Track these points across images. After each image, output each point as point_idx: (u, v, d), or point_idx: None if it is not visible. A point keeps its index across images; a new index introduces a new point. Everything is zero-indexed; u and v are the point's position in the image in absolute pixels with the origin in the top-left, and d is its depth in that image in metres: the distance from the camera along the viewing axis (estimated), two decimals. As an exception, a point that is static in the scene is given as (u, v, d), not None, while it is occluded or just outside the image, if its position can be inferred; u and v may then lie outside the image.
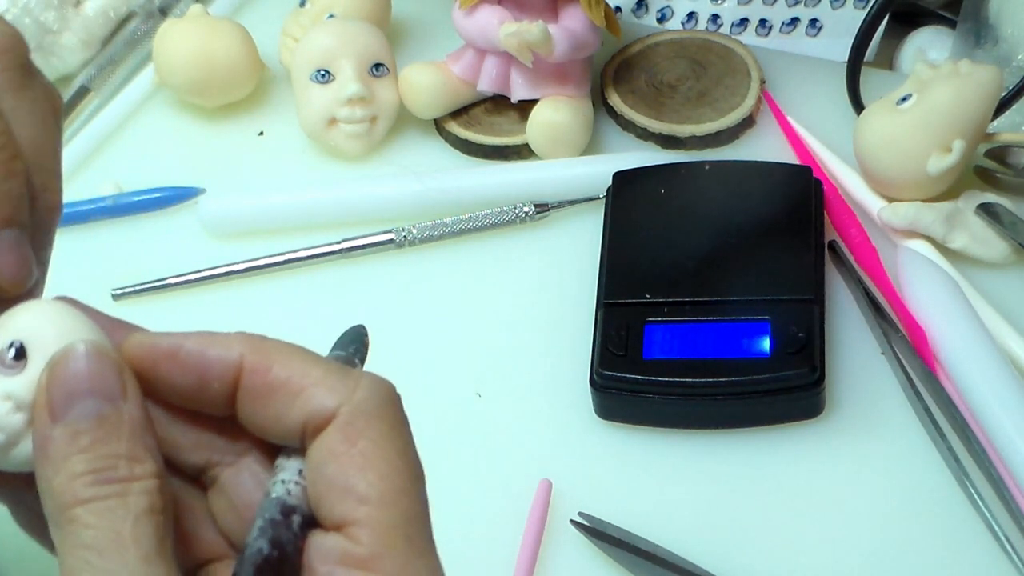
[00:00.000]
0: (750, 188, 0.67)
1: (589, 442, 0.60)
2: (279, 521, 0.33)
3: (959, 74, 0.64)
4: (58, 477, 0.31)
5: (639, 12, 0.83)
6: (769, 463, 0.58)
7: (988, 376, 0.58)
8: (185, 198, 0.74)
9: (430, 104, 0.74)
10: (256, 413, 0.34)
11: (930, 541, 0.55)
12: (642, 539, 0.56)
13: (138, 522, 0.31)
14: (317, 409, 0.33)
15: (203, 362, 0.34)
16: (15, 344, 0.33)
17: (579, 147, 0.72)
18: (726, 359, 0.59)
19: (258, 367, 0.34)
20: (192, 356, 0.34)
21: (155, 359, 0.34)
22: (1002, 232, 0.64)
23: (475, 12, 0.70)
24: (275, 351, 0.34)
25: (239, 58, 0.76)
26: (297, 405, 0.33)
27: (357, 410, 0.33)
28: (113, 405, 0.32)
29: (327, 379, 0.33)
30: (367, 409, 0.33)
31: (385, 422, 0.33)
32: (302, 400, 0.33)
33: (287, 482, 0.33)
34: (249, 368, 0.34)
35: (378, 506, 0.32)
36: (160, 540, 0.31)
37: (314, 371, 0.34)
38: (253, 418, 0.34)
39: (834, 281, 0.65)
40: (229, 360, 0.34)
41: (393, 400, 0.34)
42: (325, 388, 0.33)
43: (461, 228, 0.70)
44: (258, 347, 0.34)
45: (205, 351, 0.34)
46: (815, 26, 0.81)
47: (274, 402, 0.34)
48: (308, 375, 0.33)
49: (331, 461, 0.32)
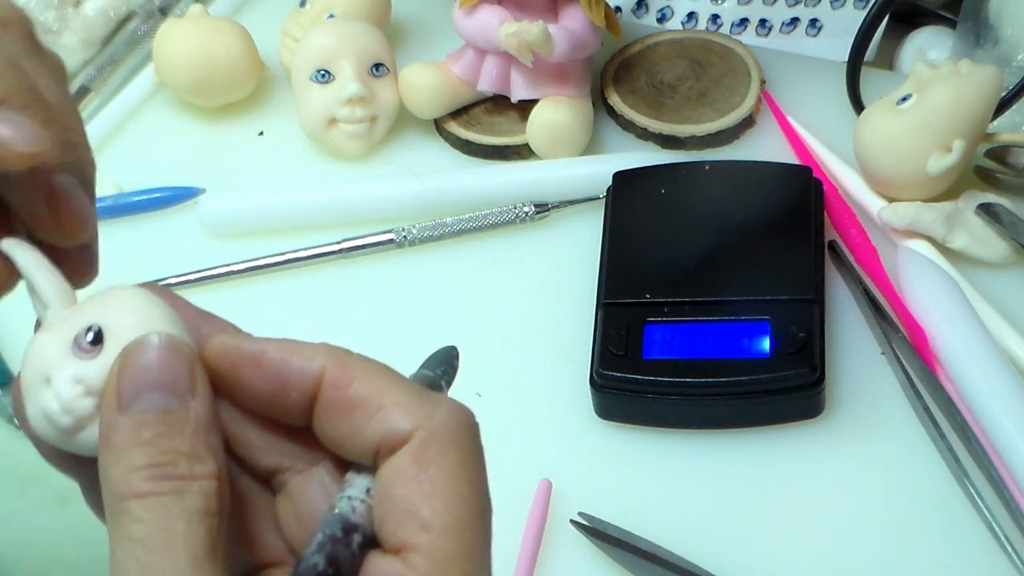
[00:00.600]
0: (750, 188, 0.67)
1: (589, 442, 0.60)
2: (339, 538, 0.32)
3: (959, 74, 0.64)
4: (117, 467, 0.31)
5: (639, 12, 0.83)
6: (769, 463, 0.58)
7: (988, 376, 0.58)
8: (185, 198, 0.74)
9: (430, 104, 0.74)
10: (332, 427, 0.34)
11: (930, 541, 0.55)
12: (642, 539, 0.56)
13: (191, 522, 0.30)
14: (392, 430, 0.33)
15: (284, 371, 0.34)
16: (93, 328, 0.33)
17: (579, 147, 0.72)
18: (726, 359, 0.59)
19: (338, 381, 0.33)
20: (273, 364, 0.34)
21: (236, 362, 0.34)
22: (1002, 232, 0.64)
23: (475, 12, 0.70)
24: (357, 367, 0.34)
25: (239, 58, 0.76)
26: (373, 424, 0.33)
27: (432, 435, 0.32)
28: (180, 400, 0.32)
29: (406, 401, 0.33)
30: (442, 435, 0.33)
31: (459, 450, 0.33)
32: (378, 419, 0.33)
33: (353, 499, 0.33)
34: (329, 381, 0.33)
35: (439, 535, 0.31)
36: (212, 543, 0.31)
37: (394, 391, 0.33)
38: (328, 431, 0.34)
39: (834, 281, 0.65)
40: (310, 371, 0.34)
41: (470, 428, 0.33)
42: (403, 410, 0.33)
43: (461, 228, 0.70)
44: (341, 361, 0.34)
45: (287, 360, 0.34)
46: (815, 26, 0.81)
47: (351, 418, 0.33)
48: (388, 394, 0.33)
49: (399, 484, 0.32)
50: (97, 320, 0.33)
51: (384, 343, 0.66)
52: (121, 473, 0.31)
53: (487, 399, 0.63)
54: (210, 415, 0.32)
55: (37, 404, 0.33)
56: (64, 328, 0.34)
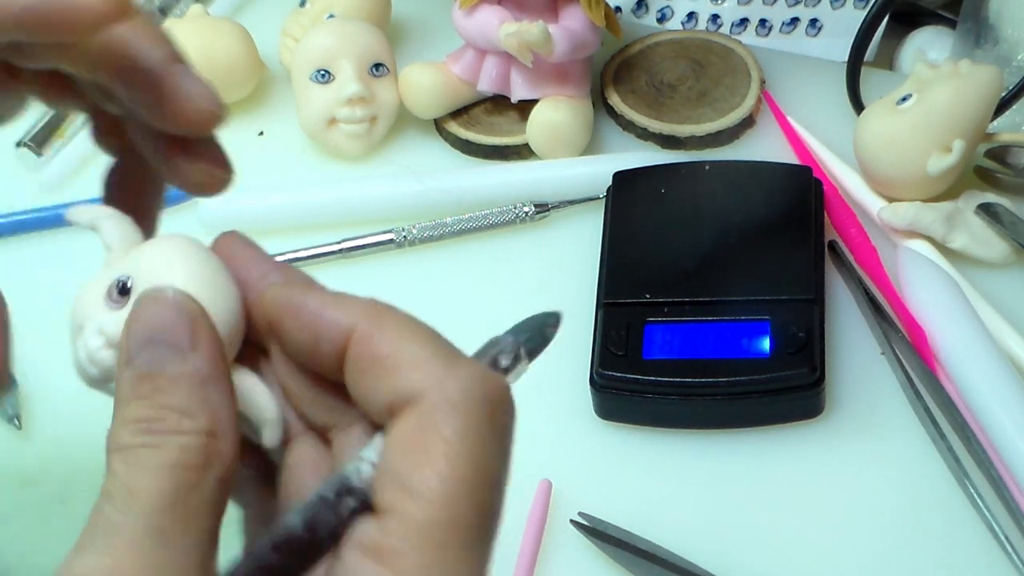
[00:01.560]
0: (750, 188, 0.67)
1: (589, 442, 0.60)
2: (328, 500, 0.31)
3: (959, 74, 0.64)
4: (115, 421, 0.31)
5: (639, 12, 0.83)
6: (769, 463, 0.58)
7: (988, 376, 0.58)
8: (185, 198, 0.74)
9: (430, 104, 0.74)
10: (355, 384, 0.32)
11: (930, 541, 0.55)
12: (642, 539, 0.56)
13: (159, 475, 0.30)
14: (403, 389, 0.31)
15: (319, 323, 0.33)
16: (121, 280, 0.33)
17: (579, 147, 0.72)
18: (726, 359, 0.59)
19: (365, 336, 0.32)
20: (311, 315, 0.33)
21: (282, 312, 0.33)
22: (1002, 232, 0.64)
23: (475, 12, 0.70)
24: (390, 322, 0.32)
25: (239, 58, 0.76)
26: (388, 382, 0.31)
27: (442, 399, 0.30)
28: (180, 356, 0.31)
29: (428, 361, 0.31)
30: (452, 402, 0.30)
31: (468, 420, 0.30)
32: (394, 378, 0.31)
33: (363, 461, 0.31)
34: (358, 336, 0.32)
35: (423, 504, 0.30)
36: (178, 498, 0.30)
37: (419, 350, 0.32)
38: (353, 388, 0.33)
39: (834, 281, 0.65)
40: (342, 324, 0.32)
41: (489, 400, 0.31)
42: (418, 370, 0.31)
43: (461, 228, 0.70)
44: (375, 315, 0.33)
45: (323, 312, 0.33)
46: (815, 26, 0.81)
47: (370, 375, 0.32)
48: (410, 352, 0.31)
49: (397, 446, 0.30)
50: (129, 271, 0.33)
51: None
52: (116, 427, 0.31)
53: (487, 399, 0.63)
54: (212, 371, 0.32)
55: (73, 352, 0.33)
56: (106, 277, 0.33)
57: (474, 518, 0.30)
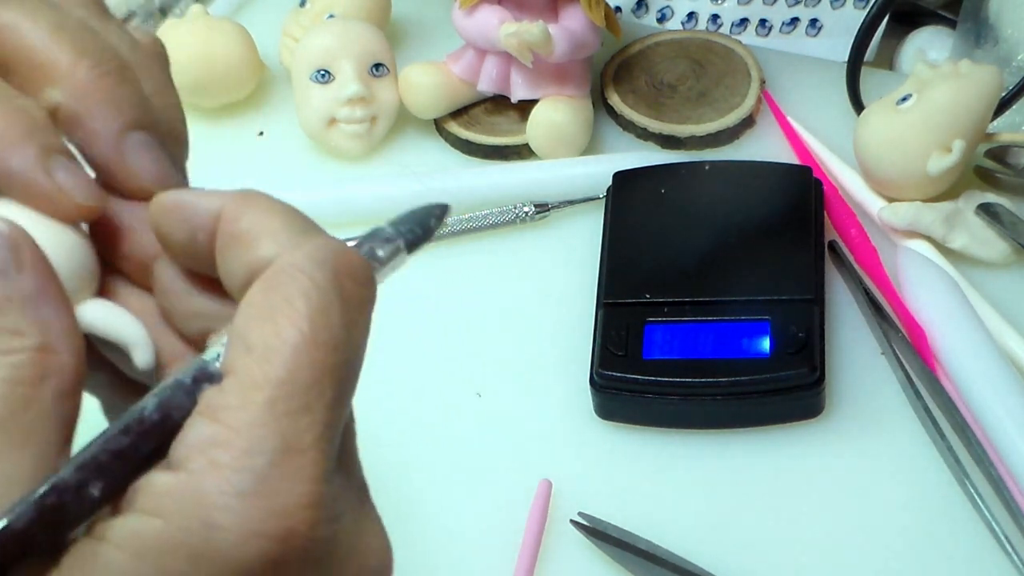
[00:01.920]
0: (750, 188, 0.67)
1: (589, 442, 0.60)
2: (184, 384, 0.30)
3: (959, 74, 0.64)
4: None
5: (639, 12, 0.83)
6: (769, 463, 0.58)
7: (988, 376, 0.58)
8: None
9: (430, 104, 0.74)
10: (222, 266, 0.32)
11: (930, 541, 0.55)
12: (642, 539, 0.56)
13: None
14: (257, 260, 0.31)
15: (193, 212, 0.33)
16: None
17: (579, 147, 0.72)
18: (726, 359, 0.59)
19: (231, 216, 0.32)
20: (186, 208, 0.33)
21: (162, 211, 0.33)
22: (1002, 232, 0.64)
23: (475, 12, 0.70)
24: (254, 202, 0.33)
25: (239, 58, 0.76)
26: (246, 254, 0.32)
27: (289, 264, 0.31)
28: (4, 279, 0.31)
29: (282, 232, 0.32)
30: (299, 265, 0.31)
31: (312, 284, 0.30)
32: (251, 249, 0.32)
33: (222, 345, 0.31)
34: (225, 216, 0.32)
35: (258, 361, 0.29)
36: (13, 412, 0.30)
37: (277, 224, 0.32)
38: (222, 272, 0.32)
39: (834, 281, 0.65)
40: (212, 209, 0.33)
41: (337, 268, 0.31)
42: (274, 240, 0.31)
43: (461, 228, 0.70)
44: (242, 198, 0.33)
45: (196, 202, 0.33)
46: (815, 26, 0.81)
47: (233, 252, 0.32)
48: (269, 226, 0.32)
49: (243, 311, 0.30)
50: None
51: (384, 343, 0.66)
52: None
53: (487, 399, 0.63)
54: (38, 289, 0.31)
55: None
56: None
57: (311, 378, 0.30)
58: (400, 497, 0.59)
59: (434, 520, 0.58)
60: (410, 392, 0.64)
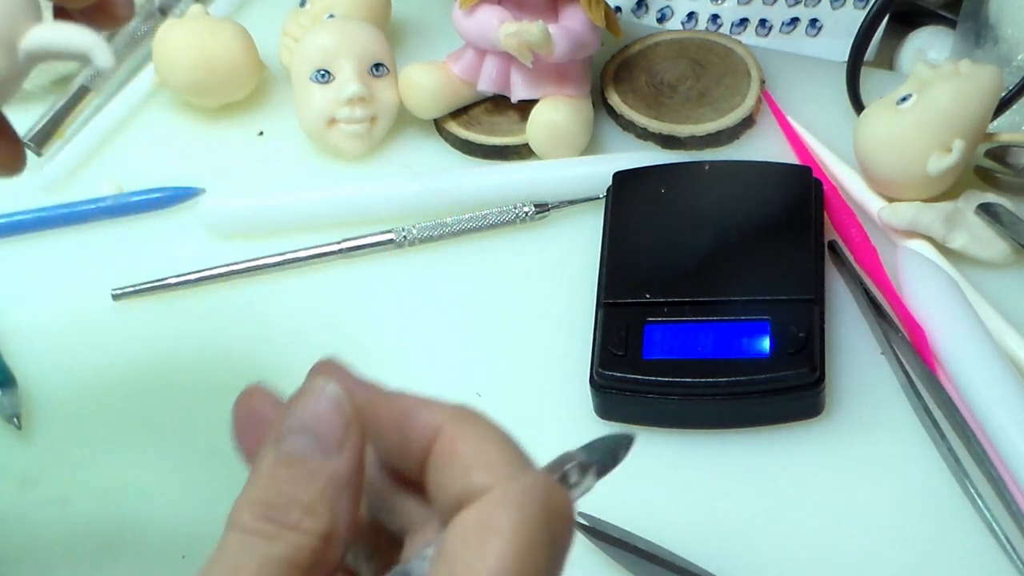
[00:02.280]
0: (750, 188, 0.67)
1: (589, 442, 0.60)
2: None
3: (959, 74, 0.64)
4: (244, 492, 0.32)
5: (639, 12, 0.83)
6: (769, 463, 0.58)
7: (988, 376, 0.58)
8: (185, 198, 0.74)
9: (430, 104, 0.74)
10: (434, 480, 0.33)
11: (930, 541, 0.55)
12: (642, 539, 0.56)
13: (264, 567, 0.31)
14: (473, 486, 0.32)
15: (410, 421, 0.34)
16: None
17: (579, 147, 0.72)
18: (726, 359, 0.59)
19: (450, 436, 0.33)
20: (403, 414, 0.34)
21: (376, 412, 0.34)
22: (1002, 232, 0.64)
23: (475, 12, 0.70)
24: (473, 425, 0.34)
25: (239, 58, 0.76)
26: (462, 478, 0.32)
27: (504, 496, 0.32)
28: (325, 453, 0.33)
29: (500, 463, 0.33)
30: (514, 500, 0.31)
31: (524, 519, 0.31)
32: (468, 475, 0.32)
33: (426, 555, 0.32)
34: (443, 435, 0.33)
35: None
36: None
37: (495, 453, 0.33)
38: (432, 485, 0.34)
39: (834, 281, 0.65)
40: (431, 424, 0.34)
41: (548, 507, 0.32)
42: (492, 470, 0.32)
43: (461, 228, 0.70)
44: (461, 418, 0.34)
45: (414, 411, 0.34)
46: (815, 26, 0.81)
47: (448, 472, 0.33)
48: (487, 454, 0.33)
49: (454, 534, 0.31)
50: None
51: (384, 343, 0.66)
52: (241, 500, 0.32)
53: (487, 399, 0.63)
54: (349, 476, 0.33)
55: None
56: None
57: None
58: (400, 497, 0.59)
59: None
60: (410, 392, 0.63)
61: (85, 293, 0.70)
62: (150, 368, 0.66)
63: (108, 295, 0.69)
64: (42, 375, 0.66)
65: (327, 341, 0.66)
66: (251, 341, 0.67)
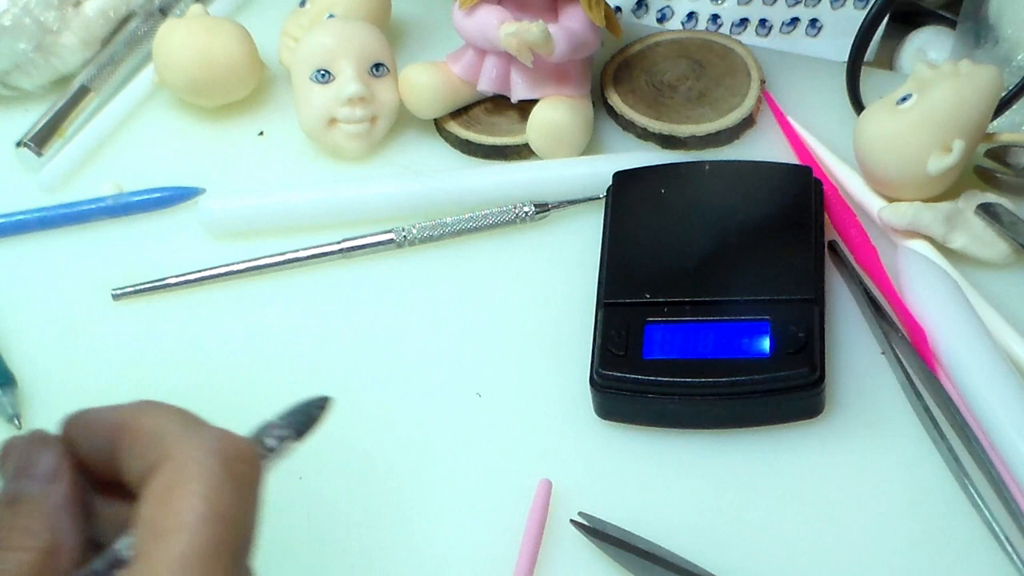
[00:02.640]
0: (750, 188, 0.67)
1: (589, 442, 0.60)
2: (98, 572, 0.35)
3: (959, 74, 0.64)
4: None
5: (639, 12, 0.83)
6: (769, 463, 0.58)
7: (988, 376, 0.58)
8: (185, 198, 0.74)
9: (430, 104, 0.74)
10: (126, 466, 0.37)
11: (930, 541, 0.55)
12: (642, 539, 0.56)
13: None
14: (156, 455, 0.36)
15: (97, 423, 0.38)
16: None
17: (579, 147, 0.72)
18: (726, 359, 0.59)
19: (131, 422, 0.37)
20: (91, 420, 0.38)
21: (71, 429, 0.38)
22: (1002, 232, 0.64)
23: (475, 12, 0.70)
24: (150, 408, 0.37)
25: (239, 58, 0.76)
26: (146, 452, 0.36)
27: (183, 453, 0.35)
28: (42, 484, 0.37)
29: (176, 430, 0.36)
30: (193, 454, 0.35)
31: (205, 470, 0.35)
32: (151, 448, 0.36)
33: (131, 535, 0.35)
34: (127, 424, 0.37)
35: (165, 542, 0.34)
36: None
37: (171, 424, 0.36)
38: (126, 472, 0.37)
39: (834, 281, 0.65)
40: (115, 419, 0.37)
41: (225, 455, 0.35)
42: (169, 437, 0.36)
43: (461, 228, 0.70)
44: (139, 406, 0.37)
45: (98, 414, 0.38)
46: (815, 26, 0.81)
47: (134, 452, 0.36)
48: (164, 427, 0.36)
49: (146, 500, 0.35)
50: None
51: (384, 343, 0.66)
52: None
53: (487, 399, 0.63)
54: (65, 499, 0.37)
55: None
56: None
57: (210, 551, 0.34)
58: (400, 497, 0.59)
59: (434, 520, 0.58)
60: (410, 392, 0.64)
61: (85, 293, 0.70)
62: (150, 368, 0.66)
63: (108, 295, 0.69)
64: (42, 375, 0.66)
65: (327, 341, 0.66)
66: (251, 341, 0.67)
